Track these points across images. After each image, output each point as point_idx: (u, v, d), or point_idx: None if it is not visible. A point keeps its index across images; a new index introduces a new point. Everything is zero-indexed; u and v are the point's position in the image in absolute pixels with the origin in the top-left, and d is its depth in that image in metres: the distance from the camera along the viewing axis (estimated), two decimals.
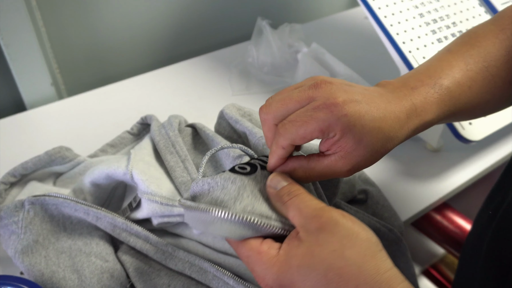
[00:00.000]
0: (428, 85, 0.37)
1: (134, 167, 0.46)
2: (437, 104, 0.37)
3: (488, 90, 0.40)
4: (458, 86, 0.38)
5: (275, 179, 0.32)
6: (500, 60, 0.40)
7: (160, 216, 0.46)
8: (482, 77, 0.39)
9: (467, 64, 0.39)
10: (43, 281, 0.43)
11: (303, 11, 1.07)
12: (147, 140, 0.53)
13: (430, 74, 0.38)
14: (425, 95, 0.36)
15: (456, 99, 0.38)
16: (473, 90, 0.39)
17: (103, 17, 0.79)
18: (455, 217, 0.73)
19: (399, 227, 0.54)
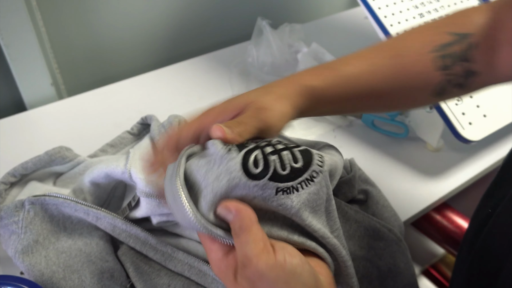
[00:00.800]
0: (323, 68, 0.42)
1: (133, 166, 0.46)
2: (324, 76, 0.41)
3: (393, 76, 0.42)
4: (353, 66, 0.42)
5: (223, 212, 0.32)
6: (412, 53, 0.43)
7: (159, 214, 0.46)
8: (387, 65, 0.42)
9: (375, 55, 0.43)
10: (43, 281, 0.43)
11: (303, 11, 1.07)
12: (146, 139, 0.54)
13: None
14: (314, 72, 0.42)
15: (349, 77, 0.42)
16: (377, 74, 0.42)
17: (103, 17, 0.79)
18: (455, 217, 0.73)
19: (399, 227, 0.54)
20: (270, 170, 0.32)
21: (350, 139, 0.69)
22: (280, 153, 0.33)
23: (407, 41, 0.45)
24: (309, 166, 0.33)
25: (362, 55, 0.44)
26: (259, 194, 0.32)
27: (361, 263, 0.49)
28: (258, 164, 0.32)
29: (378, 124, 0.70)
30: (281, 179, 0.32)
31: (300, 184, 0.32)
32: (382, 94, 0.43)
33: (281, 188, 0.32)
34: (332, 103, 0.42)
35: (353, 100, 0.43)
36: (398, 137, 0.69)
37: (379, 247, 0.50)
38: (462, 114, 0.62)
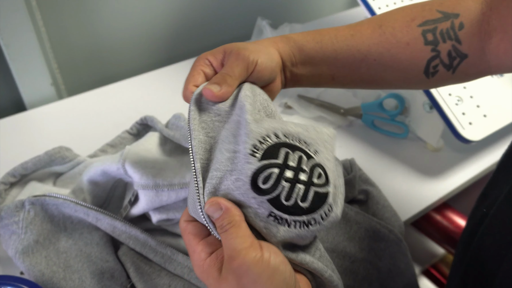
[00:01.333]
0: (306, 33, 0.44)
1: (127, 160, 0.46)
2: (310, 35, 0.44)
3: (379, 43, 0.43)
4: (340, 30, 0.44)
5: (210, 209, 0.33)
6: (399, 23, 0.44)
7: (158, 211, 0.46)
8: (372, 31, 0.44)
9: (363, 24, 0.45)
10: (43, 281, 0.43)
11: (303, 11, 1.07)
12: (146, 137, 0.54)
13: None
14: (300, 33, 0.44)
15: (336, 36, 0.44)
16: (356, 37, 0.44)
17: (103, 17, 0.79)
18: (455, 217, 0.73)
19: (400, 227, 0.54)
20: (275, 193, 0.32)
21: (350, 139, 0.69)
22: (295, 184, 0.33)
23: (396, 14, 0.46)
24: (312, 213, 0.33)
25: (351, 25, 0.45)
26: (253, 207, 0.32)
27: (361, 264, 0.49)
28: (268, 181, 0.32)
29: (378, 124, 0.70)
30: (279, 207, 0.32)
31: (295, 222, 0.33)
32: (370, 59, 0.43)
33: (274, 214, 0.32)
34: (321, 62, 0.43)
35: (341, 61, 0.44)
36: (398, 137, 0.69)
37: (380, 248, 0.50)
38: (462, 114, 0.62)
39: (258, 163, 0.33)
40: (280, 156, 0.33)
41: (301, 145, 0.35)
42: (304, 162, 0.34)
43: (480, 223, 0.42)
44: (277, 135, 0.34)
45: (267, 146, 0.33)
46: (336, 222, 0.35)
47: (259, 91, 0.39)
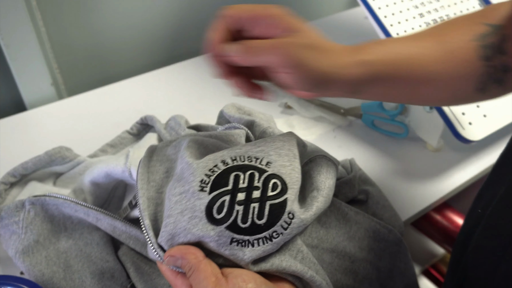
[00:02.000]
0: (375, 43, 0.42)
1: (133, 164, 0.46)
2: (379, 47, 0.41)
3: (444, 62, 0.41)
4: (403, 45, 0.42)
5: (171, 262, 0.34)
6: (460, 39, 0.42)
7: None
8: (438, 47, 0.42)
9: (423, 38, 0.43)
10: (43, 281, 0.43)
11: (303, 11, 1.07)
12: (146, 139, 0.54)
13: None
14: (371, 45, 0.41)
15: (402, 55, 0.41)
16: (427, 55, 0.41)
17: (103, 17, 0.79)
18: (455, 217, 0.73)
19: (400, 227, 0.54)
20: (231, 219, 0.33)
21: (350, 139, 0.69)
22: (249, 205, 0.34)
23: (450, 28, 0.44)
24: (272, 226, 0.34)
25: (411, 37, 0.43)
26: (214, 240, 0.33)
27: (361, 264, 0.49)
28: (222, 210, 0.33)
29: (378, 124, 0.70)
30: (239, 231, 0.33)
31: (257, 240, 0.33)
32: (430, 79, 0.42)
33: (236, 239, 0.33)
34: (384, 81, 0.40)
35: (403, 80, 0.41)
36: (398, 137, 0.69)
37: (380, 248, 0.50)
38: (462, 114, 0.62)
39: (209, 196, 0.34)
40: (230, 182, 0.34)
41: (251, 162, 0.35)
42: (255, 179, 0.35)
43: (476, 224, 0.42)
44: (224, 162, 0.35)
45: (214, 176, 0.34)
46: (306, 225, 0.36)
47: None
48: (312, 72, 0.36)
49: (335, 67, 0.38)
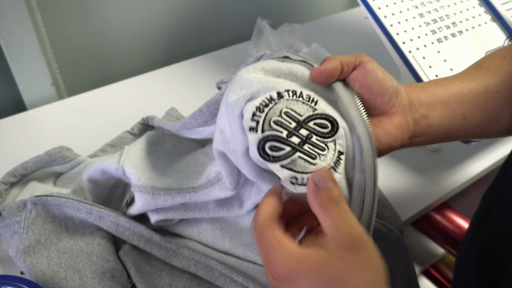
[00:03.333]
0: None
1: (126, 161, 0.46)
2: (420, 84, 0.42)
3: (492, 75, 0.42)
4: (444, 79, 0.43)
5: (320, 176, 0.32)
6: (494, 60, 0.43)
7: (155, 212, 0.46)
8: (476, 70, 0.43)
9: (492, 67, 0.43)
10: (44, 281, 0.43)
11: (303, 11, 1.07)
12: (143, 137, 0.54)
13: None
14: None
15: (447, 81, 0.42)
16: (468, 76, 0.42)
17: (103, 17, 0.79)
18: (455, 217, 0.73)
19: (400, 227, 0.54)
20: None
21: None
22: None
23: (487, 57, 0.46)
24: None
25: (453, 76, 0.44)
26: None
27: None
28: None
29: None
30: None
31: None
32: (492, 91, 0.42)
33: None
34: (449, 100, 0.41)
35: (468, 97, 0.42)
36: None
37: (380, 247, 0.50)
38: None
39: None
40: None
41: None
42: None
43: (481, 226, 0.42)
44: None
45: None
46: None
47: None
48: None
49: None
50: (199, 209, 0.46)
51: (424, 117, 0.40)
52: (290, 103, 0.35)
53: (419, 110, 0.40)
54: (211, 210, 0.46)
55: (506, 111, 0.42)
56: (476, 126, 0.42)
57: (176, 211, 0.46)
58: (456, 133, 0.42)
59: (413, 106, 0.40)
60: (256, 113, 0.34)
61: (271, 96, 0.35)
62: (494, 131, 0.44)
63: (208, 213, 0.46)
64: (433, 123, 0.40)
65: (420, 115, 0.40)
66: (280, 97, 0.35)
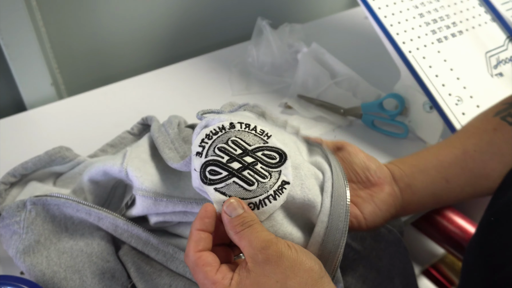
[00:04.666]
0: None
1: (129, 164, 0.46)
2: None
3: (470, 136, 0.46)
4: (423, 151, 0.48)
5: (230, 206, 0.34)
6: (475, 121, 0.48)
7: (155, 214, 0.46)
8: (455, 134, 0.47)
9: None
10: (44, 281, 0.43)
11: (303, 11, 1.07)
12: (145, 138, 0.54)
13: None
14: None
15: (425, 151, 0.47)
16: (446, 142, 0.47)
17: (103, 17, 0.79)
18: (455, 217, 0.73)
19: (399, 227, 0.54)
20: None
21: (350, 139, 0.69)
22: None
23: (471, 121, 0.49)
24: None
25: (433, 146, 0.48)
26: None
27: (361, 263, 0.49)
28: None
29: (378, 124, 0.70)
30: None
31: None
32: (469, 151, 0.44)
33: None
34: (428, 167, 0.45)
35: (446, 160, 0.45)
36: (398, 137, 0.69)
37: (379, 248, 0.50)
38: (462, 114, 0.62)
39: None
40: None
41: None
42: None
43: (489, 232, 0.42)
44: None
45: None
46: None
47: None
48: None
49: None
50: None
51: (408, 186, 0.44)
52: (241, 134, 0.37)
53: (402, 180, 0.44)
54: None
55: (491, 167, 0.44)
56: (463, 187, 0.45)
57: (176, 215, 0.46)
58: (445, 197, 0.45)
59: (396, 178, 0.44)
60: (205, 139, 0.36)
61: (223, 125, 0.37)
62: (486, 188, 0.45)
63: None
64: (417, 190, 0.44)
65: (404, 184, 0.44)
66: (232, 127, 0.37)
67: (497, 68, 0.67)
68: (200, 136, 0.37)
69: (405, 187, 0.44)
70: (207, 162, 0.36)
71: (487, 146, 0.44)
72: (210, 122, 0.38)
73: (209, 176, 0.35)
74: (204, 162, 0.36)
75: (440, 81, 0.63)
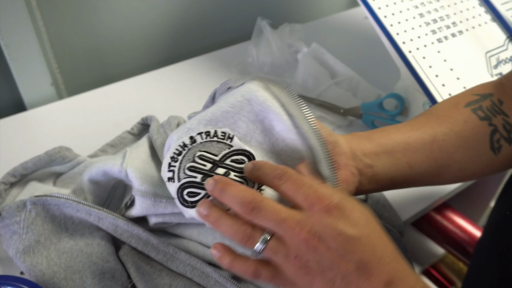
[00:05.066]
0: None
1: (129, 164, 0.46)
2: (368, 132, 0.44)
3: (440, 124, 0.44)
4: (393, 127, 0.45)
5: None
6: (446, 108, 0.46)
7: (154, 215, 0.46)
8: (426, 118, 0.45)
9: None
10: (44, 281, 0.43)
11: (303, 11, 1.07)
12: (144, 139, 0.54)
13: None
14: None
15: (395, 130, 0.44)
16: (417, 125, 0.44)
17: (103, 17, 0.79)
18: (455, 217, 0.73)
19: (399, 227, 0.54)
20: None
21: None
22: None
23: (439, 105, 0.47)
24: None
25: (404, 123, 0.46)
26: None
27: None
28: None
29: (378, 124, 0.70)
30: None
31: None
32: (439, 140, 0.43)
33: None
34: (394, 149, 0.42)
35: (414, 146, 0.42)
36: None
37: None
38: None
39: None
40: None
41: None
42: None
43: (503, 227, 0.41)
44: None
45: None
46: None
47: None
48: None
49: None
50: None
51: (369, 167, 0.41)
52: (204, 146, 0.36)
53: (363, 160, 0.41)
54: None
55: (455, 159, 0.43)
56: (423, 174, 0.43)
57: (175, 216, 0.46)
58: (403, 181, 0.43)
59: (356, 157, 0.41)
60: (171, 163, 0.36)
61: (184, 143, 0.37)
62: (443, 179, 0.45)
63: None
64: (377, 172, 0.41)
65: (364, 164, 0.41)
66: (193, 142, 0.37)
67: (497, 68, 0.67)
68: (165, 161, 0.37)
69: (364, 167, 0.41)
70: (182, 185, 0.36)
71: (455, 138, 0.43)
72: (169, 141, 0.38)
73: (188, 199, 0.36)
74: (179, 186, 0.36)
75: (440, 81, 0.63)
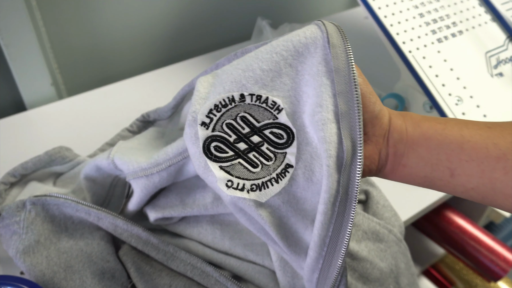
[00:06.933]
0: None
1: (117, 152, 0.46)
2: (429, 117, 0.35)
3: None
4: (464, 120, 0.34)
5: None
6: None
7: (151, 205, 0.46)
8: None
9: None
10: (44, 281, 0.43)
11: (303, 11, 1.07)
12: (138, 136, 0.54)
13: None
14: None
15: (461, 123, 0.34)
16: (495, 130, 0.33)
17: (104, 17, 0.79)
18: (455, 217, 0.73)
19: (400, 227, 0.54)
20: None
21: None
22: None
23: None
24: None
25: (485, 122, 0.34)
26: None
27: (360, 263, 0.49)
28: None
29: None
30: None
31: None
32: (510, 160, 0.31)
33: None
34: (439, 147, 0.33)
35: (468, 153, 0.32)
36: None
37: (380, 248, 0.50)
38: (462, 114, 0.62)
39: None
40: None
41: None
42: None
43: None
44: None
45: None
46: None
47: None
48: None
49: None
50: (197, 205, 0.46)
51: (400, 156, 0.34)
52: (250, 108, 0.35)
53: (396, 145, 0.33)
54: (209, 205, 0.45)
55: None
56: (469, 190, 0.33)
57: (174, 208, 0.46)
58: (441, 186, 0.34)
59: (392, 139, 0.34)
60: (213, 110, 0.34)
61: (233, 97, 0.35)
62: (501, 206, 0.33)
63: (206, 209, 0.45)
64: (407, 164, 0.34)
65: (396, 150, 0.34)
66: (242, 100, 0.35)
67: (497, 68, 0.67)
68: (207, 105, 0.34)
69: (394, 153, 0.34)
70: (213, 136, 0.34)
71: None
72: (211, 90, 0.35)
73: (214, 152, 0.34)
74: (210, 136, 0.34)
75: (440, 81, 0.63)
